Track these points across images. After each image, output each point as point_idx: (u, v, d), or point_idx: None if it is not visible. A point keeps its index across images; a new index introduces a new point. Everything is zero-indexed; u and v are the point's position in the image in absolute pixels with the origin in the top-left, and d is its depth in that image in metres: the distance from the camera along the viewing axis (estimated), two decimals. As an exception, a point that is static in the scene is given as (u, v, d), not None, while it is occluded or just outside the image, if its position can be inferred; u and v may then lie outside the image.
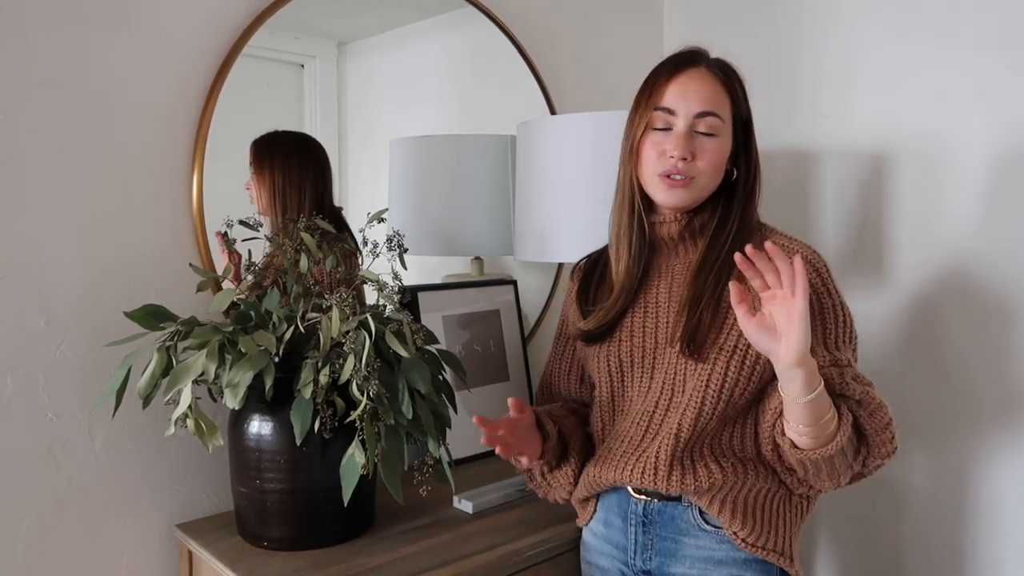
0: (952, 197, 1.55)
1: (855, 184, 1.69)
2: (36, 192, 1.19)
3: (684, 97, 1.11)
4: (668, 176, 1.12)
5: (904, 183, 1.62)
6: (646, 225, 1.18)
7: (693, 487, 1.10)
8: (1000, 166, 1.49)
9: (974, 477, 1.55)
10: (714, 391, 1.09)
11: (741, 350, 1.09)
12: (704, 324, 1.10)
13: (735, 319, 1.10)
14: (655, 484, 1.10)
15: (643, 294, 1.19)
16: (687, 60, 1.14)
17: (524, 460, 1.19)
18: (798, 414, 1.01)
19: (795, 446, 1.04)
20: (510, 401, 1.15)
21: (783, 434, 1.06)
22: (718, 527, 1.12)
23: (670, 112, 1.12)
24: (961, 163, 1.53)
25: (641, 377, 1.17)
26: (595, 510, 1.23)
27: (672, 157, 1.11)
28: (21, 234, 1.18)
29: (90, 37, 1.22)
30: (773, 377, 1.12)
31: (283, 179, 1.44)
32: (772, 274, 0.98)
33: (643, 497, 1.16)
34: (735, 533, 1.11)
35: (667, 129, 1.12)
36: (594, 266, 1.28)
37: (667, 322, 1.16)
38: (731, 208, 1.15)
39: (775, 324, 0.98)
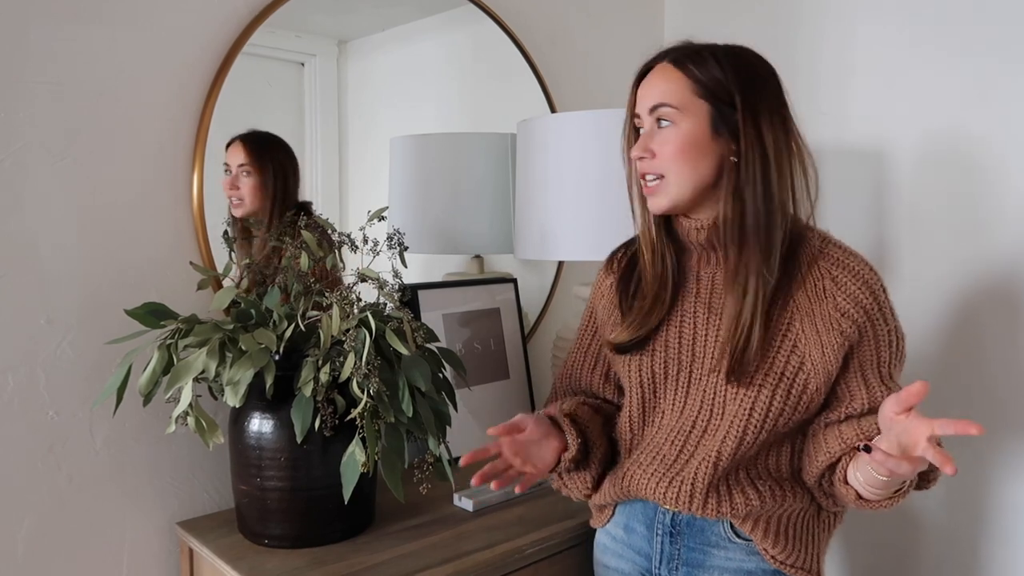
0: (952, 195, 1.55)
1: (854, 182, 1.69)
2: (36, 190, 1.19)
3: (643, 98, 1.07)
4: (645, 182, 1.08)
5: (903, 181, 1.62)
6: (664, 235, 1.12)
7: (729, 513, 1.06)
8: (1000, 164, 1.49)
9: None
10: (758, 420, 1.03)
11: (789, 377, 1.03)
12: (752, 348, 1.02)
13: (782, 339, 1.03)
14: (690, 508, 1.06)
15: (680, 302, 1.11)
16: (652, 61, 1.08)
17: (529, 469, 1.10)
18: (879, 484, 0.96)
19: (860, 497, 1.00)
20: (492, 432, 1.06)
21: (845, 482, 1.01)
22: (748, 539, 1.09)
23: (638, 116, 1.09)
24: (961, 161, 1.53)
25: (676, 392, 1.10)
26: (613, 513, 1.20)
27: (638, 160, 1.07)
28: (22, 232, 1.18)
29: (90, 35, 1.22)
30: (822, 408, 1.07)
31: (283, 178, 1.44)
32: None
33: (671, 508, 1.12)
34: (766, 550, 1.08)
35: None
36: (634, 262, 1.18)
37: (704, 335, 1.08)
38: (743, 207, 1.03)
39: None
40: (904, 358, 1.09)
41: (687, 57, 1.05)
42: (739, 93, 1.03)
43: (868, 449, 0.86)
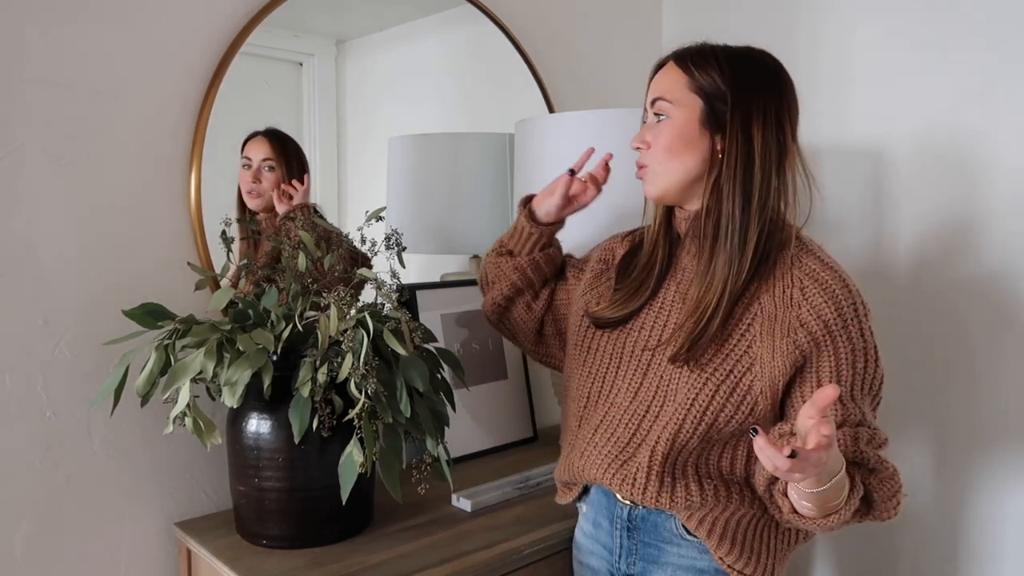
0: (950, 195, 1.55)
1: (853, 182, 1.69)
2: (34, 190, 1.19)
3: (648, 95, 1.12)
4: (640, 171, 1.13)
5: (901, 181, 1.62)
6: (664, 226, 1.16)
7: (669, 503, 1.07)
8: (998, 164, 1.49)
9: (977, 487, 1.55)
10: (697, 411, 1.04)
11: (736, 375, 1.03)
12: (707, 339, 1.04)
13: (739, 339, 1.04)
14: (632, 494, 1.08)
15: (663, 291, 1.14)
16: (661, 62, 1.13)
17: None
18: (805, 496, 0.92)
19: (794, 510, 0.97)
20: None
21: (784, 495, 0.98)
22: (700, 538, 1.09)
23: (646, 112, 1.13)
24: (959, 161, 1.54)
25: (634, 372, 1.12)
26: (579, 498, 1.23)
27: (636, 149, 1.13)
28: (19, 232, 1.18)
29: (88, 35, 1.22)
30: (775, 419, 1.06)
31: (300, 177, 1.45)
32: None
33: (628, 503, 1.14)
34: (713, 551, 1.08)
35: None
36: (640, 244, 1.21)
37: (673, 323, 1.10)
38: (720, 203, 1.05)
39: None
40: (877, 381, 1.04)
41: (690, 56, 1.09)
42: (731, 91, 1.05)
43: (756, 431, 0.82)
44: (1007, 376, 1.49)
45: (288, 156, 1.45)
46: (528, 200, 1.31)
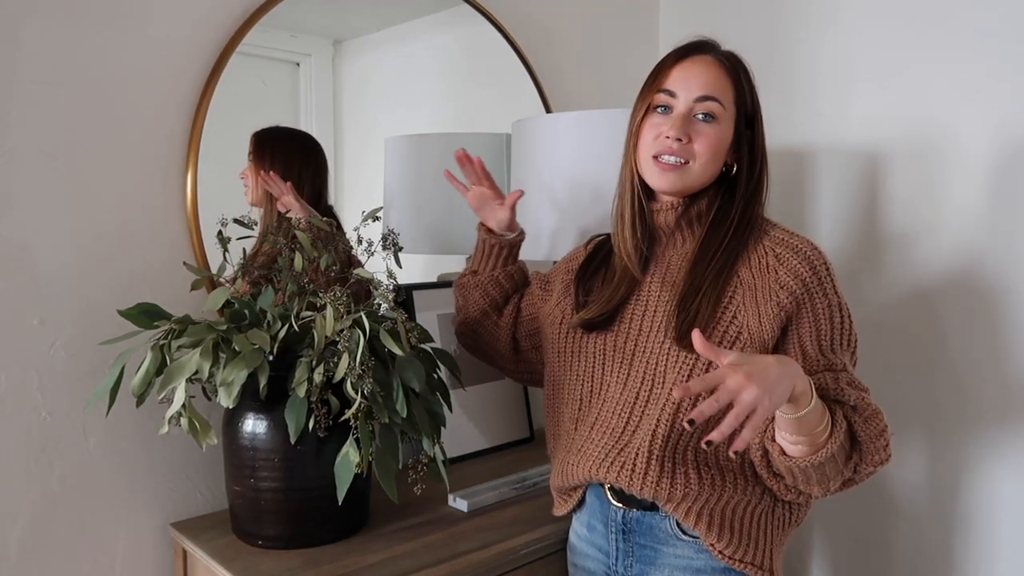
0: (948, 194, 1.55)
1: (851, 182, 1.70)
2: (29, 190, 1.19)
3: (686, 80, 1.11)
4: (659, 158, 1.11)
5: (900, 181, 1.62)
6: (647, 212, 1.17)
7: (667, 493, 1.08)
8: (996, 163, 1.49)
9: (970, 477, 1.55)
10: None
11: (727, 344, 1.07)
12: (703, 316, 1.08)
13: (723, 311, 1.09)
14: (630, 483, 1.09)
15: (644, 282, 1.17)
16: (695, 48, 1.14)
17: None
18: (788, 426, 0.98)
19: (784, 453, 1.01)
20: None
21: (772, 440, 1.03)
22: (695, 537, 1.10)
23: (671, 94, 1.11)
24: (957, 160, 1.54)
25: (621, 364, 1.15)
26: (578, 507, 1.22)
27: (668, 138, 1.10)
28: (15, 232, 1.18)
29: (84, 34, 1.21)
30: None
31: (282, 173, 1.44)
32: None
33: (621, 506, 1.14)
34: (712, 545, 1.08)
35: (667, 112, 1.12)
36: (600, 248, 1.27)
37: (655, 311, 1.14)
38: (733, 201, 1.14)
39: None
40: (853, 338, 1.11)
41: (738, 64, 1.14)
42: (759, 110, 1.15)
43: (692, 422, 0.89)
44: (1002, 373, 1.50)
45: (262, 153, 1.43)
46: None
